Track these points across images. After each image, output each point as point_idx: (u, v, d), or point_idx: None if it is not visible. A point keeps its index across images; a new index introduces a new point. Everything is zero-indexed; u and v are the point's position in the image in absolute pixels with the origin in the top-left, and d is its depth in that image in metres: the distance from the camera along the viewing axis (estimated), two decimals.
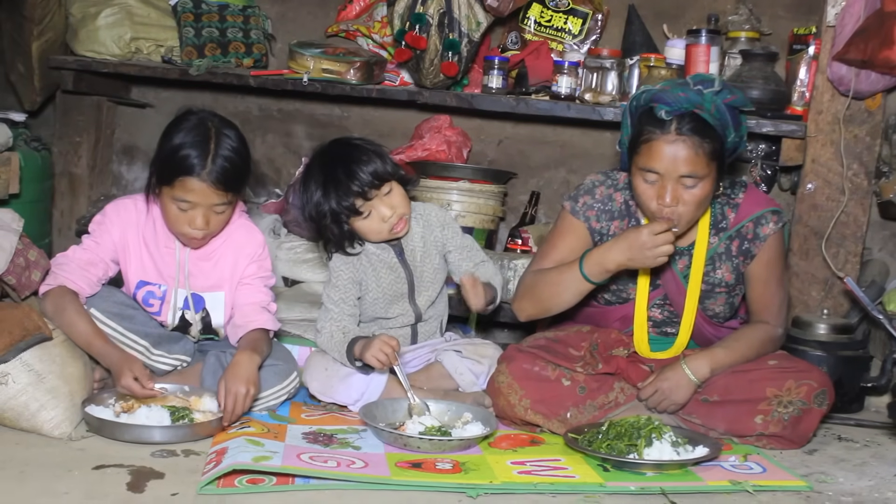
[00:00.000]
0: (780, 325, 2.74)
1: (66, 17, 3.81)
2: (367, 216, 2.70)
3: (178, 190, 2.51)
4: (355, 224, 2.72)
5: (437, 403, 2.65)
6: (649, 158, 2.47)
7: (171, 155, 2.52)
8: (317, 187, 2.72)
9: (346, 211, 2.68)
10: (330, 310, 2.77)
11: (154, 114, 4.22)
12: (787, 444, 2.60)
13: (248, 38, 3.75)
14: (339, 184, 2.68)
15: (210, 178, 2.50)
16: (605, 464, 2.35)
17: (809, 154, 3.31)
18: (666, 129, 2.44)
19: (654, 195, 2.49)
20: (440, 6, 3.36)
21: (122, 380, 2.43)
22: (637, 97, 2.55)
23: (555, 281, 2.65)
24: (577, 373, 2.63)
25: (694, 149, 2.44)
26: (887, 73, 3.09)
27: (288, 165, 4.15)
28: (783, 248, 2.74)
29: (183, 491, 2.05)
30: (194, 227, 2.54)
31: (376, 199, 2.68)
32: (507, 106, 3.48)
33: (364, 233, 2.74)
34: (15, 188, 3.22)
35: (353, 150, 2.74)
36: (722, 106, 2.48)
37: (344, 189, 2.67)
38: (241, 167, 2.57)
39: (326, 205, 2.70)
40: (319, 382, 2.73)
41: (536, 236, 3.66)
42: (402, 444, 2.41)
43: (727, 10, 3.71)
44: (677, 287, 2.69)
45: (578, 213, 2.71)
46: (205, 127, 2.55)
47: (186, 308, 2.69)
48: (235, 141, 2.57)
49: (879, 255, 3.69)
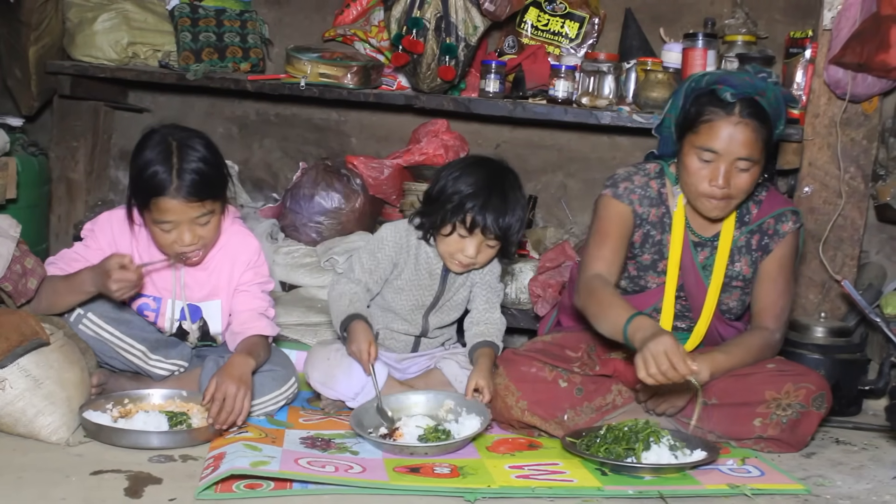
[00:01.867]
0: (779, 331, 2.73)
1: (63, 21, 3.80)
2: (448, 234, 2.66)
3: (156, 212, 2.49)
4: (435, 232, 2.70)
5: (415, 394, 2.66)
6: (709, 138, 2.52)
7: (138, 177, 2.50)
8: (461, 178, 2.65)
9: (448, 215, 2.63)
10: (354, 271, 2.76)
11: (151, 118, 4.20)
12: (786, 447, 2.60)
13: (246, 43, 3.75)
14: (472, 198, 2.62)
15: (181, 194, 2.46)
16: (603, 468, 2.35)
17: (806, 157, 3.31)
18: (730, 111, 2.51)
19: (708, 176, 2.55)
20: (437, 10, 3.36)
21: (112, 275, 2.41)
22: (697, 79, 2.62)
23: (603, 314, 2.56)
24: (575, 374, 2.63)
25: (753, 133, 2.52)
26: (884, 77, 3.09)
27: (285, 170, 4.16)
28: (796, 250, 2.77)
29: (181, 496, 2.04)
30: (184, 244, 2.52)
31: (473, 238, 2.64)
32: (504, 110, 3.48)
33: (435, 241, 2.72)
34: (12, 193, 3.23)
35: (512, 193, 2.68)
36: (780, 96, 2.58)
37: (472, 205, 2.61)
38: (210, 175, 2.52)
39: (447, 193, 2.64)
40: (321, 372, 2.72)
41: (534, 240, 3.66)
42: (397, 452, 2.41)
43: (724, 13, 3.72)
44: (696, 278, 2.71)
45: (622, 196, 2.71)
46: (166, 143, 2.50)
47: (183, 319, 2.69)
48: (201, 149, 2.52)
49: (877, 258, 3.69)
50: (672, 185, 2.72)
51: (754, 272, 2.74)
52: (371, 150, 4.05)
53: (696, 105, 2.57)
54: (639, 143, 3.86)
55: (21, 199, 3.29)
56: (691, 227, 2.71)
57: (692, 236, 2.72)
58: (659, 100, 3.31)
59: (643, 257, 2.73)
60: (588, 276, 2.63)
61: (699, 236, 2.71)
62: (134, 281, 2.44)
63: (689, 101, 2.61)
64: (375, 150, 4.04)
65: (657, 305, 2.72)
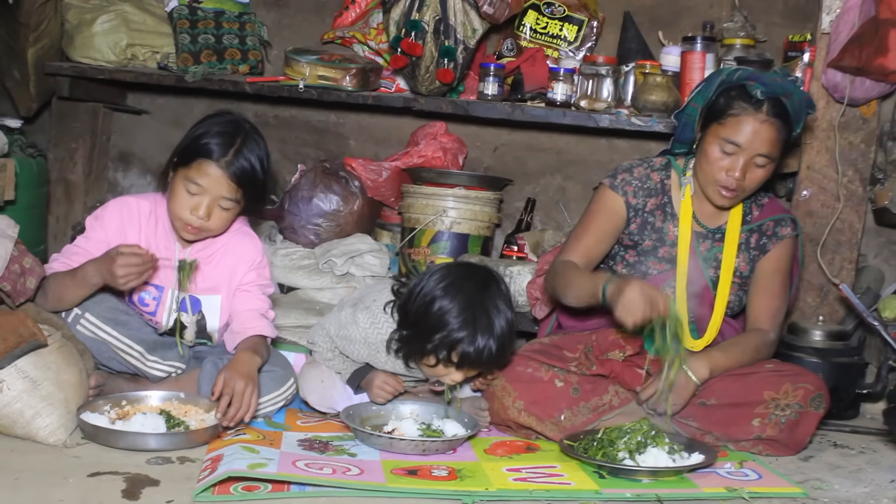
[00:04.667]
0: (774, 332, 2.79)
1: (62, 23, 3.80)
2: (434, 365, 2.48)
3: (194, 171, 2.55)
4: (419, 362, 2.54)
5: (408, 404, 2.68)
6: (735, 132, 2.61)
7: (196, 139, 2.59)
8: (453, 310, 2.42)
9: (437, 351, 2.43)
10: (318, 345, 2.72)
11: (150, 120, 4.22)
12: (784, 449, 2.60)
13: (244, 45, 3.75)
14: (461, 332, 2.40)
15: (227, 169, 2.55)
16: (601, 471, 2.35)
17: (805, 161, 3.32)
18: (758, 108, 2.59)
19: (726, 167, 2.63)
20: (436, 13, 3.36)
21: (118, 259, 2.41)
22: (730, 72, 2.69)
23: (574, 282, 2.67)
24: (571, 374, 2.64)
25: (777, 132, 2.61)
26: (882, 81, 3.10)
27: (284, 172, 4.15)
28: (793, 256, 2.84)
29: (178, 498, 2.04)
30: (196, 214, 2.57)
31: (462, 370, 2.49)
32: (502, 113, 3.48)
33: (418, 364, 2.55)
34: (10, 194, 3.22)
35: (500, 315, 2.45)
36: (805, 101, 2.66)
37: (461, 341, 2.41)
38: (258, 172, 2.62)
39: (438, 336, 2.42)
40: (318, 395, 2.73)
41: (532, 243, 3.66)
42: (392, 447, 2.42)
43: (722, 17, 3.72)
44: (696, 269, 2.76)
45: (617, 187, 2.81)
46: (238, 125, 2.63)
47: (183, 310, 2.69)
48: (262, 149, 2.65)
49: (874, 261, 3.69)
50: (679, 176, 2.80)
51: (751, 271, 2.79)
52: (369, 152, 4.05)
53: (725, 97, 2.65)
54: (637, 146, 3.86)
55: (19, 200, 3.29)
56: (697, 217, 2.79)
57: (696, 226, 2.79)
58: (657, 103, 3.32)
59: (644, 244, 2.79)
60: (560, 260, 2.77)
61: (704, 227, 2.79)
62: (140, 268, 2.44)
63: (719, 92, 2.67)
64: (374, 152, 4.04)
65: None
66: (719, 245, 2.78)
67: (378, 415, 2.63)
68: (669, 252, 2.78)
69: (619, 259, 2.84)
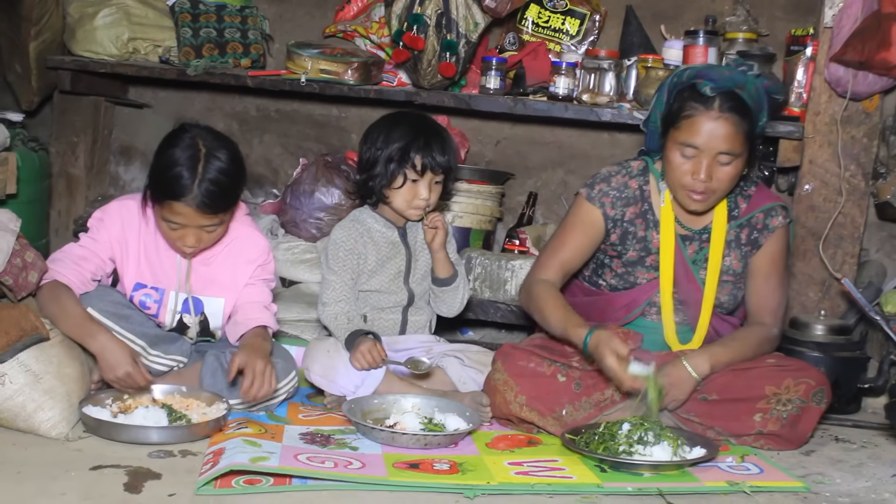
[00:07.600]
0: (777, 326, 2.76)
1: (64, 17, 3.80)
2: (400, 186, 2.78)
3: (167, 211, 2.51)
4: (386, 190, 2.80)
5: (410, 398, 2.68)
6: (690, 133, 2.55)
7: (160, 175, 2.51)
8: (392, 134, 2.79)
9: (395, 168, 2.76)
10: (331, 282, 2.81)
11: (152, 114, 4.21)
12: (785, 444, 2.60)
13: (246, 39, 3.75)
14: (413, 143, 2.75)
15: (195, 203, 2.47)
16: (603, 464, 2.36)
17: (807, 155, 3.32)
18: (709, 106, 2.53)
19: (690, 170, 2.58)
20: (438, 7, 3.36)
21: (119, 375, 2.45)
22: (679, 74, 2.64)
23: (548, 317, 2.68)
24: (573, 368, 2.63)
25: (734, 127, 2.53)
26: (885, 75, 3.09)
27: (286, 166, 4.15)
28: (787, 246, 2.79)
29: (180, 492, 2.04)
30: (186, 245, 2.56)
31: (424, 179, 2.77)
32: (504, 107, 3.48)
33: (389, 199, 2.82)
34: (12, 188, 3.22)
35: (442, 130, 2.85)
36: (762, 89, 2.60)
37: (415, 149, 2.75)
38: (229, 188, 2.54)
39: (387, 150, 2.77)
40: (321, 365, 2.72)
41: (534, 237, 3.66)
42: (393, 441, 2.42)
43: (725, 11, 3.71)
44: (685, 271, 2.72)
45: (594, 199, 2.75)
46: (195, 148, 2.50)
47: (185, 311, 2.69)
48: (225, 161, 2.52)
49: (877, 256, 3.69)
50: (657, 181, 2.74)
51: (744, 267, 2.75)
52: None
53: (678, 100, 2.60)
54: (639, 140, 3.82)
55: (21, 194, 3.29)
56: (679, 220, 2.73)
57: (680, 230, 2.73)
58: None
59: (629, 254, 2.75)
60: (535, 279, 2.75)
61: (688, 229, 2.73)
62: (130, 387, 2.49)
63: (672, 96, 2.63)
64: None
65: (651, 300, 2.73)
66: (707, 245, 2.73)
67: (380, 408, 2.63)
68: (656, 260, 2.73)
69: (608, 269, 2.79)
